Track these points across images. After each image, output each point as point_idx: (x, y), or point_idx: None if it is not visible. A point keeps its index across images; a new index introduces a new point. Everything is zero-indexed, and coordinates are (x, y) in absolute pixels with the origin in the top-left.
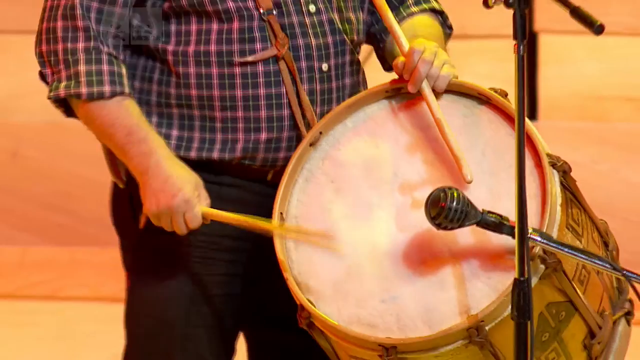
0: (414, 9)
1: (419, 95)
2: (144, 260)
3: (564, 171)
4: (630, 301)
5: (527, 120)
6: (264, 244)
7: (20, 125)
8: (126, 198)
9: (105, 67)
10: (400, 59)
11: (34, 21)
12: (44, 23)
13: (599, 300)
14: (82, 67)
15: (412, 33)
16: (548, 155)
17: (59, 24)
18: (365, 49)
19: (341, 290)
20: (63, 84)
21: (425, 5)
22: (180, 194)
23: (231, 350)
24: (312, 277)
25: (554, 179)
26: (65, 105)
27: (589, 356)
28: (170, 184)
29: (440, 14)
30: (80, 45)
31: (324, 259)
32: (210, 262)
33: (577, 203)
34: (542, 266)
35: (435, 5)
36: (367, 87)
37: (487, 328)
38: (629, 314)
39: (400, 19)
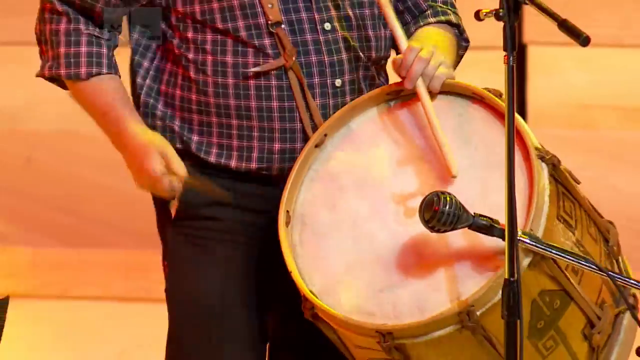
0: (431, 19)
1: (416, 97)
2: (178, 246)
3: (553, 164)
4: (635, 296)
5: (517, 115)
6: (276, 237)
7: (34, 132)
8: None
9: (83, 49)
10: (399, 57)
11: None
12: (40, 6)
13: (597, 292)
14: (62, 49)
15: (426, 40)
16: (537, 149)
17: (47, 5)
18: None
19: (342, 283)
20: (48, 63)
21: (442, 18)
22: (148, 162)
23: (265, 331)
24: (315, 270)
25: (542, 172)
26: (59, 80)
27: (590, 346)
28: (141, 156)
29: (456, 27)
30: (62, 27)
31: (326, 254)
32: (234, 245)
33: (569, 196)
34: (530, 254)
35: (452, 18)
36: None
37: (478, 313)
38: (633, 308)
39: (417, 27)
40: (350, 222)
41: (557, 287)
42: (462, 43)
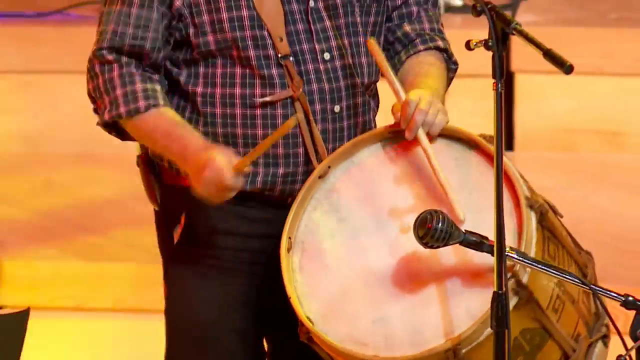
0: (421, 47)
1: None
2: (179, 271)
3: (542, 212)
4: (607, 326)
5: (510, 165)
6: (277, 262)
7: (55, 155)
8: (162, 219)
9: (138, 86)
10: (397, 106)
11: (61, 61)
12: (90, 64)
13: (574, 326)
14: (118, 91)
15: (416, 70)
16: (527, 197)
17: (96, 60)
18: None
19: (337, 310)
20: (107, 110)
21: (430, 44)
22: (211, 162)
23: (261, 354)
24: (313, 296)
25: (530, 219)
26: (117, 130)
27: None
28: (203, 161)
29: (444, 51)
30: (115, 73)
31: (324, 280)
32: (234, 273)
33: (554, 239)
34: (516, 297)
35: (439, 44)
36: (375, 125)
37: (463, 351)
38: (605, 337)
39: (408, 56)
40: (348, 250)
41: (538, 326)
42: (451, 66)
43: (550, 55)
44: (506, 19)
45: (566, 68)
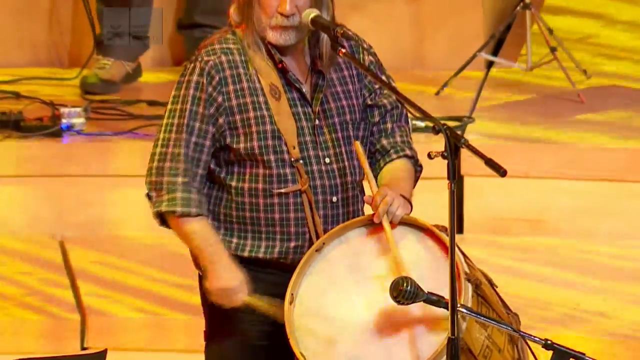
0: (394, 156)
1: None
2: (213, 322)
3: (476, 284)
4: None
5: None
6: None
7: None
8: (201, 283)
9: (193, 196)
10: (370, 197)
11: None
12: (154, 163)
13: None
14: (178, 194)
15: (391, 174)
16: (466, 273)
17: (163, 164)
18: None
19: (327, 349)
20: (165, 203)
21: (401, 154)
22: (228, 281)
23: None
24: (308, 338)
25: (467, 288)
26: (160, 218)
27: None
28: (221, 278)
29: (412, 158)
30: (179, 179)
31: (317, 326)
32: (253, 324)
33: (486, 304)
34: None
35: (408, 153)
36: (363, 212)
37: None
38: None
39: (385, 163)
40: (337, 304)
41: None
42: (417, 168)
43: (490, 163)
44: (457, 136)
45: (501, 173)
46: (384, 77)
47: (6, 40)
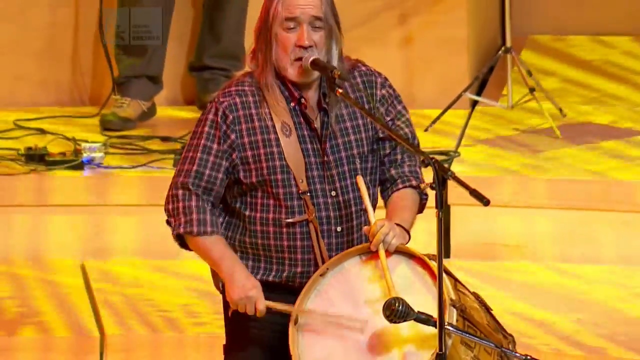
0: (400, 186)
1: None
2: (233, 337)
3: (462, 309)
4: None
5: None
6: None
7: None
8: (224, 300)
9: (208, 217)
10: (368, 228)
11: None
12: (171, 191)
13: None
14: (194, 216)
15: (394, 203)
16: (451, 299)
17: (180, 191)
18: None
19: None
20: (182, 225)
21: (407, 183)
22: (248, 289)
23: None
24: (308, 354)
25: (452, 314)
26: (180, 240)
27: None
28: (242, 287)
29: (417, 187)
30: (193, 203)
31: (317, 344)
32: (267, 336)
33: (472, 326)
34: None
35: (413, 183)
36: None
37: None
38: None
39: (392, 192)
40: (335, 325)
41: None
42: (422, 197)
43: (474, 194)
44: (445, 169)
45: (485, 202)
46: (400, 108)
47: (32, 81)
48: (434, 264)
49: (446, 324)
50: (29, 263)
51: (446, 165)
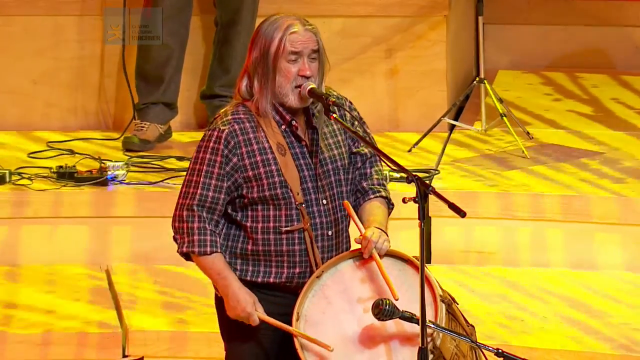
0: (371, 196)
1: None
2: (232, 337)
3: (448, 304)
4: None
5: (431, 274)
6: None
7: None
8: (222, 305)
9: (208, 237)
10: (359, 238)
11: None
12: (177, 212)
13: None
14: (195, 237)
15: (369, 211)
16: (440, 295)
17: (184, 212)
18: None
19: (324, 357)
20: (185, 245)
21: (377, 194)
22: (243, 308)
23: None
24: (309, 348)
25: (442, 309)
26: (185, 255)
27: None
28: (239, 304)
29: (386, 198)
30: (195, 225)
31: (317, 338)
32: (267, 335)
33: (454, 319)
34: (431, 354)
35: (383, 193)
36: (350, 243)
37: None
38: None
39: (364, 201)
40: (332, 319)
41: None
42: (389, 206)
43: (452, 207)
44: (426, 184)
45: (462, 214)
46: (365, 127)
47: (63, 108)
48: (419, 264)
49: (427, 321)
50: (61, 268)
51: (427, 182)
